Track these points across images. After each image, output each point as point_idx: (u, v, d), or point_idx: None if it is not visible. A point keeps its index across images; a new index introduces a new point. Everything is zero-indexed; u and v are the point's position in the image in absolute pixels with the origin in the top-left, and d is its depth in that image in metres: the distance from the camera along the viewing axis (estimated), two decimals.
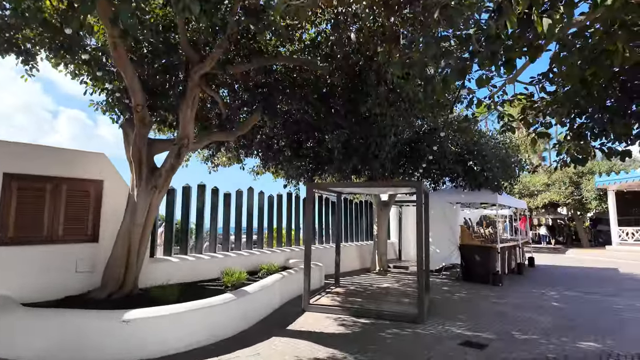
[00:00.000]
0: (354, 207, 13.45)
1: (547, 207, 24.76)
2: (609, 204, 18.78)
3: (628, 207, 22.54)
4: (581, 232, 24.42)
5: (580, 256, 18.26)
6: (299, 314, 6.34)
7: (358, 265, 12.31)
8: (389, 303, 6.86)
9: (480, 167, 8.68)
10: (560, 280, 10.74)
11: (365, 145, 7.14)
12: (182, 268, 7.19)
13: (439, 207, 10.69)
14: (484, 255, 9.96)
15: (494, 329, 5.67)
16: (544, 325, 5.92)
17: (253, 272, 8.12)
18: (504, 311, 6.80)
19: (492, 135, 10.26)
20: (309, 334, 5.28)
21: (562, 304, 7.44)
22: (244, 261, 8.38)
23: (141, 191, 5.76)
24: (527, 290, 9.09)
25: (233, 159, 9.19)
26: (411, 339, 5.16)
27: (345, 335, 5.29)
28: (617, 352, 4.69)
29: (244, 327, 5.35)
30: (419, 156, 8.14)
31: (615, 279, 11.06)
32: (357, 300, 7.09)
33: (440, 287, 9.36)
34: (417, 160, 8.30)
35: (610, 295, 8.41)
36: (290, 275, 7.54)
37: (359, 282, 9.54)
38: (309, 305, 6.53)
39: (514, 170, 10.05)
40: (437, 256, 10.66)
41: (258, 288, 6.02)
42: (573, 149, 3.72)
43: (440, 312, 6.69)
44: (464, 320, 6.15)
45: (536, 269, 13.35)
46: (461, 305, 7.32)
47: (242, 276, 6.92)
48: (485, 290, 8.95)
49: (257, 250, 9.02)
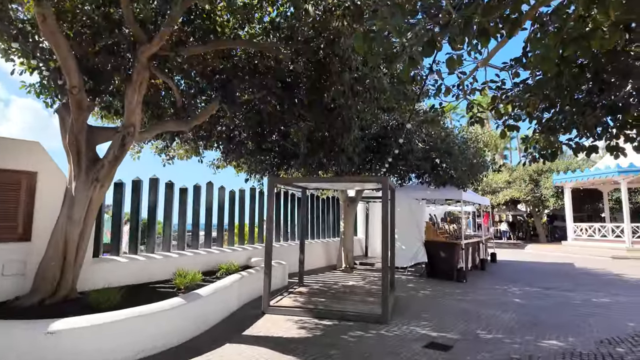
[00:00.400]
0: (320, 203, 13.15)
1: (508, 204, 25.59)
2: (565, 201, 19.56)
3: (582, 204, 23.67)
4: (539, 228, 25.42)
5: (538, 251, 18.93)
6: (258, 317, 5.95)
7: (324, 262, 12.04)
8: (353, 302, 6.59)
9: (447, 165, 8.59)
10: (521, 275, 10.94)
11: (331, 139, 6.82)
12: (131, 269, 6.59)
13: (406, 204, 10.57)
14: (448, 251, 9.94)
15: (458, 328, 5.52)
16: (507, 323, 5.84)
17: (211, 272, 7.63)
18: (468, 309, 6.71)
19: (458, 133, 10.24)
20: (265, 340, 4.91)
21: (524, 300, 7.47)
22: (202, 261, 7.86)
23: (80, 184, 5.15)
24: (490, 286, 9.14)
25: (191, 151, 8.60)
26: (375, 341, 4.90)
27: (305, 339, 4.96)
28: (580, 350, 4.64)
29: (195, 333, 4.89)
30: (387, 152, 7.92)
31: (571, 274, 11.40)
32: (320, 300, 6.78)
33: (405, 284, 9.24)
34: (384, 155, 8.08)
35: (568, 290, 8.58)
36: (250, 275, 7.12)
37: (324, 281, 9.25)
38: (269, 308, 6.15)
39: (480, 168, 10.07)
40: (403, 253, 10.54)
41: (212, 290, 5.57)
42: (542, 143, 3.55)
43: (405, 310, 6.51)
44: (429, 319, 5.98)
45: (498, 264, 13.61)
46: (426, 302, 7.18)
47: (197, 277, 6.41)
48: (450, 286, 8.91)
49: (216, 249, 8.51)
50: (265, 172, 9.41)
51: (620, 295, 7.97)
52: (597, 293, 8.17)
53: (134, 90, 5.30)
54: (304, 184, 7.71)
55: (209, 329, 5.19)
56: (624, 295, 7.89)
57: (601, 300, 7.49)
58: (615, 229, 17.06)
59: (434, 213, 12.83)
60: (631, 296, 7.86)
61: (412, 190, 11.03)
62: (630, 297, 7.73)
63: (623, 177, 15.89)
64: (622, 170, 15.71)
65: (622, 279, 10.23)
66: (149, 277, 6.74)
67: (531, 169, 24.34)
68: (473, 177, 10.01)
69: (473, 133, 10.52)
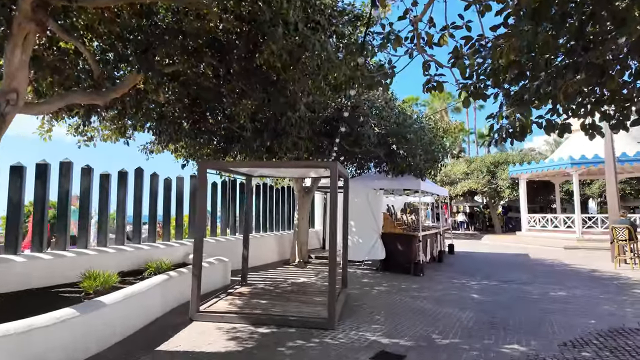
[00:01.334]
0: (275, 193, 12.28)
1: (466, 195, 25.89)
2: (520, 192, 19.88)
3: (535, 196, 24.36)
4: (495, 219, 25.96)
5: (495, 242, 19.13)
6: (184, 326, 5.04)
7: (277, 257, 11.22)
8: (299, 304, 5.83)
9: (404, 152, 7.96)
10: (479, 268, 10.67)
11: (275, 119, 5.96)
12: (31, 270, 5.47)
13: (363, 194, 9.94)
14: (405, 243, 9.42)
15: (412, 332, 4.90)
16: (465, 324, 5.31)
17: (138, 271, 6.61)
18: (424, 307, 6.15)
19: (417, 118, 9.67)
20: (182, 357, 4.02)
21: (482, 296, 7.04)
22: (128, 258, 6.80)
23: None
24: (447, 280, 8.71)
25: (115, 132, 7.41)
26: (317, 353, 4.16)
27: (231, 354, 4.12)
28: (543, 356, 4.14)
29: (89, 353, 3.92)
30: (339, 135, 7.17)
31: (527, 266, 11.31)
32: (261, 302, 5.96)
33: (360, 278, 8.62)
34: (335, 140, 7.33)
35: (526, 283, 8.30)
36: (182, 275, 6.16)
37: (273, 278, 8.43)
38: (198, 314, 5.25)
39: (438, 155, 9.56)
40: (359, 246, 9.92)
41: (122, 296, 4.60)
42: (512, 117, 2.90)
43: (357, 311, 5.84)
44: (381, 321, 5.33)
45: (456, 255, 13.39)
46: (380, 301, 6.56)
47: (112, 279, 5.38)
48: (407, 281, 8.39)
49: (147, 245, 7.44)
50: (208, 158, 8.39)
51: (576, 288, 7.75)
52: (554, 286, 7.93)
53: (15, 45, 4.13)
54: (245, 170, 6.80)
55: (113, 346, 4.22)
56: (580, 289, 7.68)
57: (559, 294, 7.21)
58: (566, 219, 17.47)
59: (392, 204, 12.32)
60: (586, 289, 7.66)
61: (370, 179, 10.41)
62: (585, 290, 7.52)
63: (575, 169, 16.20)
64: (574, 162, 15.99)
65: (575, 271, 10.19)
66: (57, 279, 5.63)
67: (488, 160, 24.72)
68: (431, 165, 9.49)
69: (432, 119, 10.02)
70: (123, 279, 6.18)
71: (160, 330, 4.83)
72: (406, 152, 7.89)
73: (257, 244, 10.54)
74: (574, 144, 18.31)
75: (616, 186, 11.76)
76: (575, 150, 16.61)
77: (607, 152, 11.81)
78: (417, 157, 8.12)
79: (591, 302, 6.61)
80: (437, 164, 9.97)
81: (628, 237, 9.95)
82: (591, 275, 9.42)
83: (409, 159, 8.10)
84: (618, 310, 6.04)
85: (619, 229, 10.11)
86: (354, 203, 10.11)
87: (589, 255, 13.20)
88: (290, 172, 6.96)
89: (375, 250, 9.67)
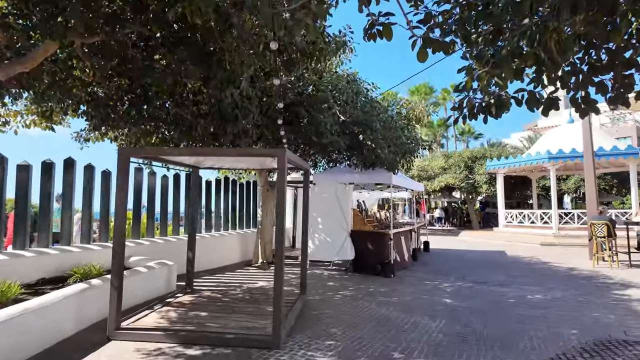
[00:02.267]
0: (238, 188, 11.36)
1: (443, 191, 25.52)
2: (498, 188, 19.56)
3: (512, 191, 24.21)
4: (472, 215, 25.70)
5: (472, 238, 18.76)
6: (98, 346, 4.15)
7: (238, 257, 10.34)
8: (245, 316, 5.01)
9: (371, 142, 7.19)
10: (453, 267, 10.10)
11: (218, 99, 5.11)
12: None
13: (331, 189, 9.18)
14: (375, 242, 8.73)
15: (372, 350, 4.16)
16: (434, 336, 4.61)
17: (63, 278, 5.67)
18: (390, 316, 5.44)
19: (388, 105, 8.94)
20: None
21: (455, 301, 6.39)
22: (50, 263, 5.85)
23: None
24: (419, 281, 8.06)
25: (40, 117, 6.38)
26: None
27: None
28: None
29: None
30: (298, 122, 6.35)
31: (504, 264, 10.81)
32: (201, 315, 5.11)
33: (325, 281, 7.86)
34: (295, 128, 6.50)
35: (502, 285, 7.73)
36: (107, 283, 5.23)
37: (226, 283, 7.57)
38: (118, 332, 4.35)
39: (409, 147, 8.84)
40: (328, 245, 9.16)
41: (15, 313, 3.67)
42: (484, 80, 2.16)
43: (312, 323, 5.06)
44: (338, 336, 4.57)
45: (431, 253, 12.83)
46: (341, 309, 5.81)
47: (12, 291, 4.45)
48: (375, 283, 7.69)
49: (77, 247, 6.48)
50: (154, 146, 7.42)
51: (555, 289, 7.21)
52: (532, 288, 7.37)
53: None
54: (192, 161, 5.91)
55: None
56: (559, 290, 7.13)
57: (536, 298, 6.64)
58: (543, 215, 17.21)
59: (363, 199, 11.60)
60: (565, 290, 7.13)
61: (339, 173, 9.65)
62: (564, 292, 6.98)
63: (553, 164, 15.89)
64: (552, 157, 15.69)
65: (553, 269, 9.72)
66: None
67: (465, 155, 24.39)
68: (402, 157, 8.77)
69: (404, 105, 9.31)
70: (40, 288, 5.26)
71: (67, 353, 3.93)
72: (373, 142, 7.13)
73: (216, 243, 9.66)
74: (550, 140, 18.07)
75: (594, 179, 11.39)
76: (553, 145, 16.33)
77: (586, 144, 11.40)
78: (384, 149, 7.36)
79: (572, 306, 6.04)
80: (410, 157, 9.26)
81: (607, 234, 9.54)
82: (570, 274, 8.95)
83: (377, 151, 7.34)
84: (601, 316, 5.47)
85: (597, 226, 9.69)
86: (322, 199, 9.35)
87: (565, 252, 12.85)
88: (238, 162, 6.08)
89: (344, 250, 8.93)
